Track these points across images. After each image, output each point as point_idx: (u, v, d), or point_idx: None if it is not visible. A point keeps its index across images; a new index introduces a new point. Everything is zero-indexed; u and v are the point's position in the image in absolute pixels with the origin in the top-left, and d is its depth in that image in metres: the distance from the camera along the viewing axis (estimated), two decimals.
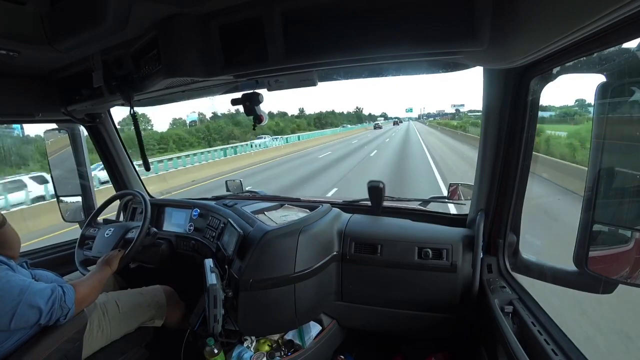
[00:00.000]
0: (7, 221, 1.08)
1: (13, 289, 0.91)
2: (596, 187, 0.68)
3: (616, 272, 0.73)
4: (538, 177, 4.34)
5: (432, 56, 0.82)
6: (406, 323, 1.26)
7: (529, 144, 0.99)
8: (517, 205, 1.08)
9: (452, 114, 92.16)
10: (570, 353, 0.75)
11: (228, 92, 1.33)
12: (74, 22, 0.84)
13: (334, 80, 1.20)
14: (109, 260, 1.29)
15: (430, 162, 11.11)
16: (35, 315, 0.94)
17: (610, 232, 0.71)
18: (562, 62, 0.76)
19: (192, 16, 0.86)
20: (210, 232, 1.51)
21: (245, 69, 0.92)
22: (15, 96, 1.28)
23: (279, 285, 1.15)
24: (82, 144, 1.74)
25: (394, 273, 1.22)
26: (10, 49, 0.96)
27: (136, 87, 1.09)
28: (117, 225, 1.56)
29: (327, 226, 1.29)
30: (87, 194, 1.81)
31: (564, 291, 0.92)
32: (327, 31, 0.80)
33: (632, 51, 0.67)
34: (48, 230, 5.74)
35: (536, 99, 0.94)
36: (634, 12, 0.44)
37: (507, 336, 0.85)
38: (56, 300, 0.98)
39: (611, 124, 0.67)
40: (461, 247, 1.17)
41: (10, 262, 1.00)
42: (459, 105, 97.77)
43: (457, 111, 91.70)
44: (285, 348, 1.26)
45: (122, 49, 1.04)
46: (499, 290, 1.05)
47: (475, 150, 1.20)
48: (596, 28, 0.51)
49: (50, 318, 0.97)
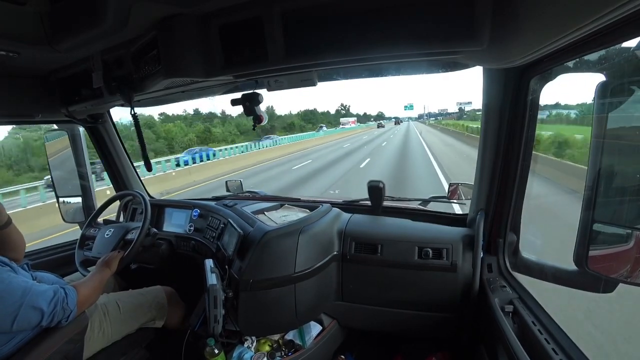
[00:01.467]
0: (13, 223, 1.08)
1: (15, 290, 0.91)
2: (596, 186, 0.68)
3: (616, 271, 0.73)
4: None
5: (432, 56, 0.82)
6: (406, 323, 1.26)
7: (529, 143, 1.00)
8: (517, 204, 1.08)
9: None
10: (570, 352, 0.75)
11: (228, 92, 1.33)
12: (74, 22, 0.84)
13: (334, 80, 1.20)
14: (108, 262, 1.29)
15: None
16: (37, 317, 0.94)
17: (610, 231, 0.71)
18: (562, 61, 0.76)
19: (192, 16, 0.86)
20: (210, 232, 1.51)
21: (245, 69, 0.92)
22: (15, 97, 1.28)
23: (279, 285, 1.15)
24: (82, 145, 1.74)
25: (394, 273, 1.22)
26: (10, 49, 0.96)
27: (136, 88, 1.09)
28: (117, 226, 1.56)
29: (327, 226, 1.29)
30: (87, 194, 1.81)
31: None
32: (327, 31, 0.80)
33: (631, 50, 0.67)
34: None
35: (536, 98, 0.94)
36: (633, 12, 0.44)
37: (508, 335, 0.85)
38: (58, 302, 0.97)
39: (611, 123, 0.67)
40: (461, 247, 1.17)
41: (12, 264, 1.00)
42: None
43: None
44: (285, 348, 1.26)
45: (122, 49, 1.04)
46: (499, 290, 1.06)
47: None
48: (595, 27, 0.51)
49: (52, 320, 0.97)
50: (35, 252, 1.66)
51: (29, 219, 6.62)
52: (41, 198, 8.61)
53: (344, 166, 11.79)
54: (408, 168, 10.42)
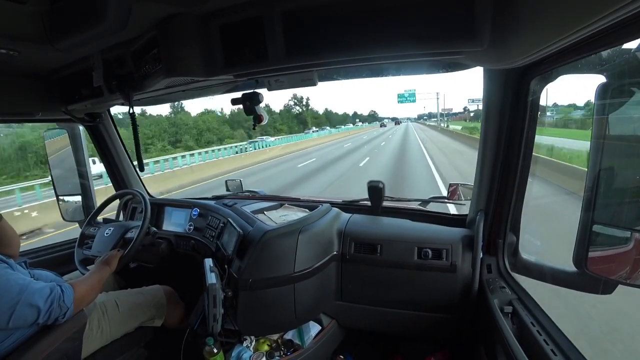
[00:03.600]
0: (4, 219, 1.08)
1: (12, 287, 0.91)
2: (596, 188, 0.68)
3: (616, 273, 0.73)
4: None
5: (432, 56, 0.82)
6: (406, 323, 1.26)
7: (529, 144, 1.00)
8: (516, 205, 1.08)
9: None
10: (569, 353, 0.75)
11: (228, 91, 1.33)
12: (74, 21, 0.83)
13: (334, 80, 1.20)
14: (108, 260, 1.29)
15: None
16: (33, 315, 0.94)
17: (609, 232, 0.71)
18: (562, 62, 0.76)
19: (192, 16, 0.86)
20: (210, 231, 1.51)
21: (246, 69, 0.92)
22: (15, 95, 1.28)
23: (278, 285, 1.15)
24: (82, 144, 1.74)
25: (393, 273, 1.22)
26: (10, 48, 0.96)
27: (136, 87, 1.08)
28: (116, 225, 1.56)
29: (327, 226, 1.29)
30: (87, 193, 1.81)
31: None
32: (327, 31, 0.80)
33: (632, 52, 0.67)
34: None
35: (536, 99, 0.94)
36: (634, 13, 0.44)
37: (507, 336, 0.85)
38: (55, 299, 0.97)
39: (611, 125, 0.67)
40: (461, 247, 1.17)
41: (9, 260, 1.00)
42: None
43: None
44: (284, 348, 1.26)
45: (122, 48, 1.04)
46: (499, 291, 1.06)
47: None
48: (596, 29, 0.51)
49: (49, 317, 0.97)
50: (34, 250, 1.66)
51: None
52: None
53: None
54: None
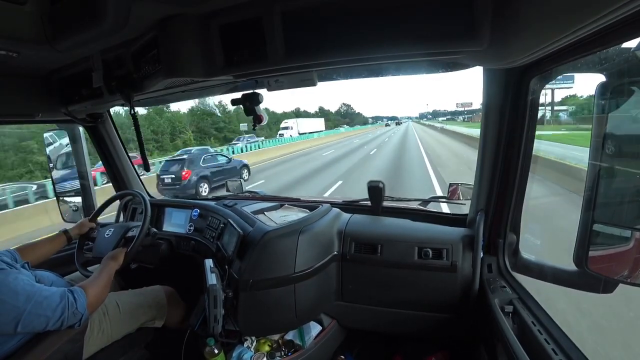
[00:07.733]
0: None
1: (19, 295, 0.90)
2: (596, 187, 0.68)
3: (616, 272, 0.73)
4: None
5: (432, 56, 0.82)
6: (406, 323, 1.26)
7: (529, 143, 1.00)
8: (517, 204, 1.08)
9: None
10: (570, 352, 0.75)
11: (228, 92, 1.33)
12: (74, 22, 0.83)
13: (333, 80, 1.20)
14: (114, 256, 1.28)
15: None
16: (41, 324, 0.93)
17: (610, 231, 0.71)
18: (562, 61, 0.76)
19: (192, 16, 0.86)
20: (210, 232, 1.51)
21: (245, 69, 0.91)
22: (15, 96, 1.28)
23: (279, 285, 1.15)
24: (82, 144, 1.74)
25: (394, 273, 1.22)
26: (9, 49, 0.96)
27: (136, 87, 1.08)
28: (117, 225, 1.56)
29: (327, 226, 1.29)
30: (87, 194, 1.81)
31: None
32: (326, 31, 0.80)
33: (631, 51, 0.67)
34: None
35: (536, 98, 0.94)
36: (634, 12, 0.44)
37: (507, 336, 0.85)
38: (66, 307, 0.96)
39: (611, 124, 0.67)
40: (461, 247, 1.17)
41: (15, 263, 0.99)
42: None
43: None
44: (285, 348, 1.26)
45: (122, 49, 1.04)
46: (499, 290, 1.05)
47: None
48: (596, 28, 0.51)
49: (62, 325, 0.95)
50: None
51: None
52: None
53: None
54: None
